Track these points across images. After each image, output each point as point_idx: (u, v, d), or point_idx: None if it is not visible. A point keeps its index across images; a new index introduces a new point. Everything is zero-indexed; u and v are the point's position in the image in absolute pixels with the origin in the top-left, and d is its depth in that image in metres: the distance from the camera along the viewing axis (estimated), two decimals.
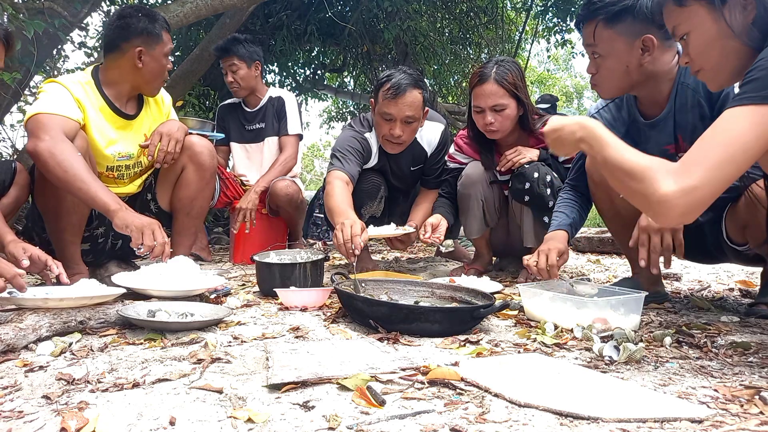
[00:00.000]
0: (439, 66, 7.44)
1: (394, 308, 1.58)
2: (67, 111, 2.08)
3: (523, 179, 2.40)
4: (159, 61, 2.27)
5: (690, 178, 1.06)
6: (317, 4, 5.66)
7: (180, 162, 2.39)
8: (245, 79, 3.39)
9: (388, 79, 2.48)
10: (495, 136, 2.47)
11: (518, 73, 2.42)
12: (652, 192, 1.08)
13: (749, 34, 1.17)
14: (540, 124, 2.49)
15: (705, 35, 1.23)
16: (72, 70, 5.52)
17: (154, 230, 1.89)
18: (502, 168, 2.49)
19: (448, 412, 0.95)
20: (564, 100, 20.98)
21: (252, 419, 0.91)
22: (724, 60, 1.23)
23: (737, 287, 2.36)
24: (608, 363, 1.27)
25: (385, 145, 2.63)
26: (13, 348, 1.32)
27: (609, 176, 1.22)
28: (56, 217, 2.17)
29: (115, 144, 2.28)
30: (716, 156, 1.06)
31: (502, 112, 2.39)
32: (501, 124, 2.41)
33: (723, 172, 1.05)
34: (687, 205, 1.07)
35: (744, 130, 1.05)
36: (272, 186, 3.37)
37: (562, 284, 1.85)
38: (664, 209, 1.09)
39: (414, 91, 2.46)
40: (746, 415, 0.93)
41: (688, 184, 1.06)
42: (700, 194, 1.06)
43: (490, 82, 2.37)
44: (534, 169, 2.39)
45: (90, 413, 0.93)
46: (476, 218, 2.59)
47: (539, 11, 7.13)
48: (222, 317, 1.64)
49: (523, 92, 2.42)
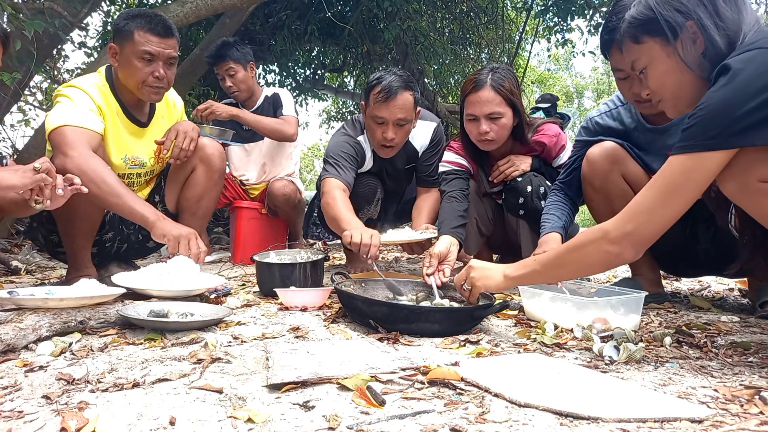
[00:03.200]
0: (439, 66, 7.45)
1: (394, 308, 1.58)
2: (91, 124, 2.07)
3: (516, 194, 2.36)
4: (129, 61, 2.14)
5: (627, 225, 1.24)
6: (317, 4, 5.66)
7: (191, 162, 2.38)
8: (244, 81, 3.39)
9: (379, 81, 2.41)
10: (489, 147, 2.34)
11: (514, 81, 2.31)
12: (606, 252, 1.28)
13: (701, 66, 1.24)
14: (533, 132, 2.43)
15: (661, 68, 1.30)
16: (72, 70, 5.53)
17: (191, 240, 1.91)
18: (495, 180, 2.46)
19: (448, 412, 0.95)
20: (564, 99, 20.98)
21: (252, 419, 0.91)
22: (681, 91, 1.30)
23: (737, 287, 2.36)
24: (608, 363, 1.27)
25: (379, 151, 2.60)
26: (13, 348, 1.32)
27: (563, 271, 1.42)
28: (69, 223, 2.16)
29: (129, 151, 2.28)
30: (651, 202, 1.21)
31: (497, 121, 2.26)
32: (497, 134, 2.27)
33: (657, 215, 1.20)
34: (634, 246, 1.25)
35: (676, 177, 1.18)
36: (270, 186, 3.38)
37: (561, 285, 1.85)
38: (620, 260, 1.30)
39: (405, 93, 2.41)
40: (746, 415, 0.93)
41: (626, 231, 1.24)
42: (639, 236, 1.23)
43: (486, 88, 2.23)
44: (527, 182, 2.35)
45: (90, 413, 0.93)
46: (472, 235, 2.55)
47: (540, 11, 7.13)
48: (222, 317, 1.64)
49: (519, 101, 2.31)
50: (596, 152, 1.99)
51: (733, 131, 1.09)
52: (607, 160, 1.96)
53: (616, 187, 1.95)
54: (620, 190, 1.94)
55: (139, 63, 2.14)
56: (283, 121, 3.37)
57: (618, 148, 1.96)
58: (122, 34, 2.14)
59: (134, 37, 2.12)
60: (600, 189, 1.99)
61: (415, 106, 2.51)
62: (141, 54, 2.13)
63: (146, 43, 2.13)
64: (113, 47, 2.17)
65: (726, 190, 1.18)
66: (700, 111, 1.15)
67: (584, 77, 24.86)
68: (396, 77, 2.42)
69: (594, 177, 1.99)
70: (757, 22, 1.24)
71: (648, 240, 1.24)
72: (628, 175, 1.96)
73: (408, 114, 2.46)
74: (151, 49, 2.13)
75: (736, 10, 1.23)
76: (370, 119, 2.51)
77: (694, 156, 1.15)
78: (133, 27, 2.13)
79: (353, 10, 6.07)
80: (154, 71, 2.16)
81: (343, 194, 2.43)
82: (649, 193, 1.22)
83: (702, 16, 1.22)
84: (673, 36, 1.25)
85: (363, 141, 2.68)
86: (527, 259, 1.52)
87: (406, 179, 2.88)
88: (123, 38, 2.14)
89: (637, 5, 1.32)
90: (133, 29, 2.13)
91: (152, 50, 2.14)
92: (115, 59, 2.18)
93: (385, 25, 6.02)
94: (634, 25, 1.33)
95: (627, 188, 1.94)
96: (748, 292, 2.06)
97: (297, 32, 6.03)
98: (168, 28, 2.18)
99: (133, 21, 2.14)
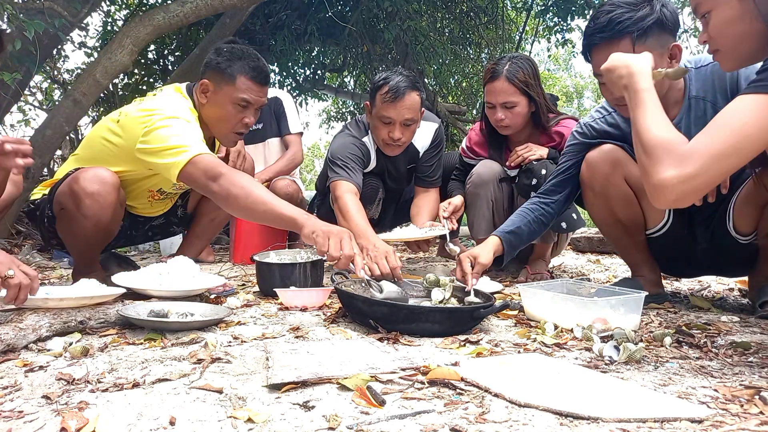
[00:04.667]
0: (439, 66, 7.44)
1: (395, 308, 1.58)
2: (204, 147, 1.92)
3: (530, 175, 2.38)
4: (224, 105, 2.05)
5: (690, 166, 1.08)
6: (317, 4, 5.66)
7: None
8: None
9: (386, 81, 2.43)
10: (506, 132, 2.52)
11: (531, 71, 2.44)
12: (653, 173, 1.13)
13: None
14: (554, 123, 2.52)
15: (727, 13, 1.21)
16: (72, 70, 5.53)
17: (342, 239, 1.65)
18: (512, 163, 2.49)
19: (448, 412, 0.95)
20: (564, 99, 20.98)
21: (252, 419, 0.91)
22: (744, 40, 1.21)
23: (737, 287, 2.36)
24: (608, 363, 1.27)
25: (384, 148, 2.60)
26: (13, 348, 1.32)
27: (633, 134, 1.25)
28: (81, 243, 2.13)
29: None
30: (719, 145, 1.06)
31: (512, 109, 2.42)
32: (512, 121, 2.44)
33: (724, 162, 1.07)
34: (682, 192, 1.10)
35: (750, 120, 1.05)
36: (272, 185, 3.37)
37: (561, 285, 1.85)
38: (659, 193, 1.14)
39: (413, 94, 2.43)
40: (746, 415, 0.93)
41: (686, 173, 1.08)
42: (697, 183, 1.09)
43: (500, 79, 2.40)
44: (542, 165, 2.37)
45: (90, 413, 0.93)
46: (485, 219, 2.56)
47: (540, 11, 7.13)
48: (222, 317, 1.64)
49: (536, 90, 2.44)
50: (596, 155, 1.93)
51: None
52: (608, 163, 1.90)
53: (617, 190, 1.91)
54: (622, 194, 1.90)
55: (233, 109, 2.06)
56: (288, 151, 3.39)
57: (618, 150, 1.90)
58: (222, 74, 2.04)
59: (236, 82, 2.04)
60: (600, 193, 1.94)
61: (421, 106, 2.53)
62: (240, 101, 2.05)
63: (247, 90, 2.05)
64: (206, 84, 2.06)
65: None
66: None
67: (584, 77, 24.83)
68: (403, 77, 2.43)
69: (594, 181, 1.94)
70: None
71: (703, 191, 1.10)
72: (630, 178, 1.90)
73: (415, 114, 2.49)
74: (250, 98, 2.06)
75: None
76: (376, 119, 2.51)
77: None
78: (237, 71, 2.04)
79: (353, 10, 6.07)
80: (244, 118, 2.09)
81: (356, 200, 2.41)
82: (717, 133, 1.07)
83: None
84: None
85: (368, 142, 2.68)
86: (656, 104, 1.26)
87: (407, 180, 2.89)
88: (222, 79, 2.05)
89: None
90: (236, 73, 2.04)
91: (251, 99, 2.06)
92: (206, 96, 2.08)
93: (385, 25, 6.02)
94: None
95: (629, 191, 1.90)
96: (748, 292, 2.05)
97: (297, 32, 6.03)
98: (268, 75, 2.11)
99: (237, 63, 2.04)
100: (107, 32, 5.51)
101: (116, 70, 3.70)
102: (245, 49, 2.10)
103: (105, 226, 2.05)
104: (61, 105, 3.76)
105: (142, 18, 3.78)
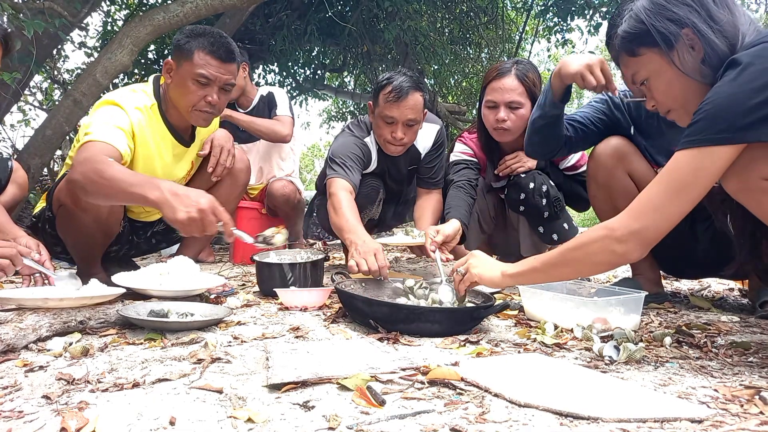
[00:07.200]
0: (439, 66, 7.45)
1: (395, 308, 1.58)
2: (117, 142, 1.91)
3: (519, 189, 2.38)
4: (184, 82, 2.03)
5: (634, 223, 1.19)
6: (317, 4, 5.66)
7: None
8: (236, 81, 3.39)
9: (389, 81, 2.42)
10: (504, 138, 2.38)
11: (537, 75, 2.38)
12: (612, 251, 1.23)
13: (701, 72, 1.22)
14: None
15: (662, 78, 1.28)
16: (72, 70, 5.53)
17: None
18: (501, 173, 2.47)
19: (448, 412, 0.95)
20: None
21: (252, 419, 0.91)
22: (688, 96, 1.27)
23: (737, 287, 2.36)
24: (608, 363, 1.27)
25: (386, 148, 2.58)
26: (13, 348, 1.32)
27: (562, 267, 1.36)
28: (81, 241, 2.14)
29: (169, 170, 2.22)
30: (659, 199, 1.17)
31: (516, 111, 2.33)
32: (513, 123, 2.33)
33: (665, 213, 1.17)
34: (641, 244, 1.21)
35: (684, 173, 1.14)
36: (269, 186, 3.38)
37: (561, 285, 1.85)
38: (625, 259, 1.26)
39: (416, 94, 2.42)
40: (746, 415, 0.93)
41: (633, 229, 1.19)
42: (647, 234, 1.19)
43: (510, 76, 2.31)
44: (530, 178, 2.36)
45: (90, 413, 0.93)
46: (473, 231, 2.56)
47: (540, 11, 7.13)
48: (222, 317, 1.64)
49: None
50: (602, 148, 1.96)
51: (741, 125, 1.07)
52: (612, 157, 1.93)
53: (620, 183, 1.93)
54: (624, 188, 1.92)
55: (193, 85, 2.03)
56: (277, 121, 3.36)
57: (625, 144, 1.92)
58: (182, 51, 2.03)
59: (193, 58, 2.01)
60: (603, 185, 1.97)
61: (424, 107, 2.52)
62: (197, 76, 2.02)
63: (205, 65, 2.02)
64: (169, 63, 2.07)
65: (728, 187, 1.16)
66: (707, 105, 1.12)
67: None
68: (406, 78, 2.42)
69: (598, 172, 1.97)
70: (752, 23, 1.23)
71: (655, 238, 1.20)
72: (635, 173, 1.92)
73: (417, 114, 2.47)
74: (208, 73, 2.02)
75: (729, 13, 1.21)
76: (379, 119, 2.50)
77: (703, 150, 1.11)
78: (195, 46, 2.02)
79: (353, 10, 6.07)
80: (207, 95, 2.05)
81: (350, 197, 2.39)
82: (657, 189, 1.18)
83: (696, 21, 1.20)
84: (668, 47, 1.23)
85: (369, 142, 2.67)
86: (527, 259, 1.47)
87: (408, 181, 2.89)
88: (182, 56, 2.03)
89: (629, 19, 1.29)
90: (193, 48, 2.01)
91: (209, 74, 2.02)
92: (170, 75, 2.07)
93: (385, 25, 6.02)
94: (628, 39, 1.30)
95: (631, 185, 1.92)
96: (748, 292, 2.06)
97: (297, 32, 6.03)
98: (230, 52, 2.06)
99: (196, 40, 2.03)
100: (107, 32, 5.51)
101: (116, 70, 3.71)
102: (207, 28, 2.10)
103: (104, 221, 2.04)
104: (61, 105, 3.76)
105: (142, 18, 3.78)
